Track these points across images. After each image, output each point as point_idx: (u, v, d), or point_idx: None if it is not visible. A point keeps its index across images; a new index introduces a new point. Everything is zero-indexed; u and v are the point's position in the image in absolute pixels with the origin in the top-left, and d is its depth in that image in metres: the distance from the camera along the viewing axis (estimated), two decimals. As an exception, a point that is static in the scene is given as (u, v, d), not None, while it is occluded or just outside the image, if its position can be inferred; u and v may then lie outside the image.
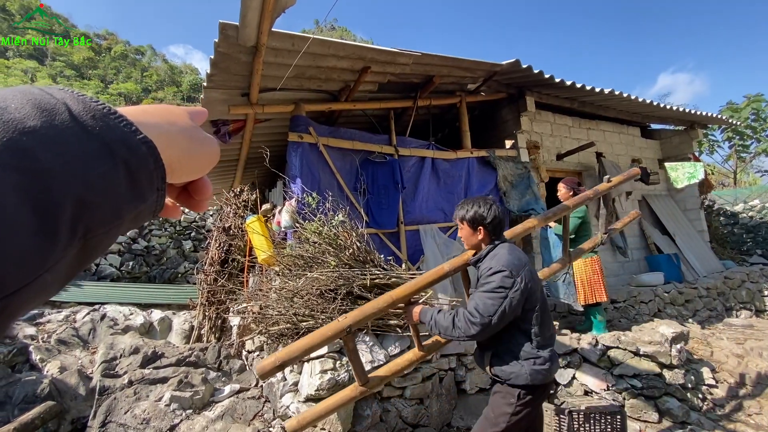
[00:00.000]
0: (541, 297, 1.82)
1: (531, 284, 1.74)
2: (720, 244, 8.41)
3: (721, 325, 5.32)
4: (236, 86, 3.52)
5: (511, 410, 1.80)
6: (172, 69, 47.45)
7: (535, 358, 1.74)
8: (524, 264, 1.78)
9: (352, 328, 1.88)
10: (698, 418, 3.16)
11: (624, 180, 3.00)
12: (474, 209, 1.88)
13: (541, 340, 1.78)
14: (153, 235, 8.66)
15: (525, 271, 1.74)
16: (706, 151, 12.53)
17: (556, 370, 1.81)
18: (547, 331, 1.81)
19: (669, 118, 6.87)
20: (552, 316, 1.88)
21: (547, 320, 1.82)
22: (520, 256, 1.82)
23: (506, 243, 1.89)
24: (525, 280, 1.72)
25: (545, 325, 1.80)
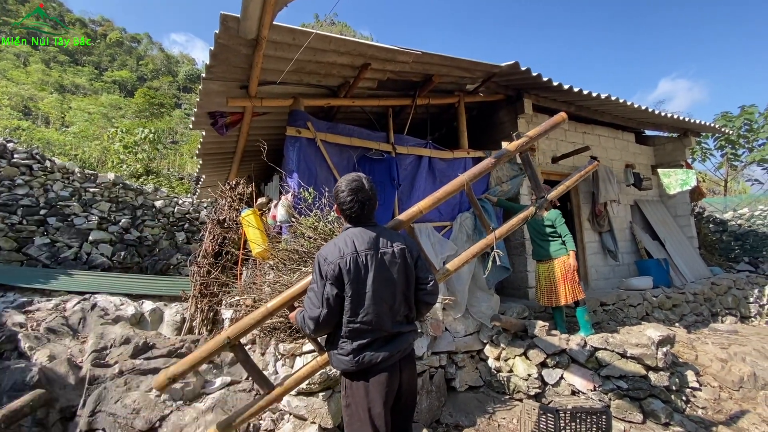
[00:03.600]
0: (370, 286, 1.69)
1: (346, 272, 1.66)
2: (708, 250, 8.56)
3: (706, 330, 5.43)
4: (235, 78, 3.50)
5: (344, 402, 1.78)
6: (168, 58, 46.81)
7: (340, 348, 1.72)
8: (350, 251, 1.69)
9: (232, 340, 1.97)
10: (681, 419, 3.23)
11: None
12: (336, 192, 1.85)
13: (349, 332, 1.69)
14: (146, 225, 8.59)
15: (345, 258, 1.67)
16: (698, 159, 12.70)
17: (368, 363, 1.69)
18: (361, 322, 1.68)
19: (663, 124, 6.95)
20: (392, 307, 1.74)
21: (364, 309, 1.68)
22: (353, 240, 1.73)
23: (357, 228, 1.81)
24: (339, 266, 1.66)
25: (360, 315, 1.68)
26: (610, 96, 5.16)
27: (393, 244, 1.80)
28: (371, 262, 1.71)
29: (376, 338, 1.71)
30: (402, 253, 1.80)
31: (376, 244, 1.76)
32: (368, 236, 1.76)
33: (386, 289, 1.73)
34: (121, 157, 12.93)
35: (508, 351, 3.79)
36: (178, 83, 39.60)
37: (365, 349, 1.69)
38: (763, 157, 11.46)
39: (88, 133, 16.49)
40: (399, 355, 1.77)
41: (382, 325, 1.71)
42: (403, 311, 1.80)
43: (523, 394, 3.58)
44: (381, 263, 1.73)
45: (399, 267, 1.77)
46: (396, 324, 1.77)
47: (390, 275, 1.74)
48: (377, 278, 1.71)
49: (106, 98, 26.95)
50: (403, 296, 1.79)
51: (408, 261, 1.82)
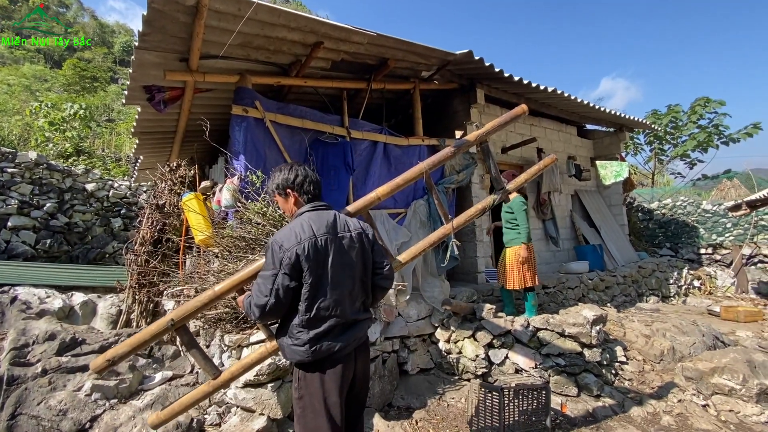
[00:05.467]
0: (329, 272, 1.63)
1: (305, 258, 1.58)
2: (637, 237, 9.38)
3: (633, 309, 5.97)
4: (173, 49, 3.21)
5: (296, 394, 1.69)
6: (102, 27, 42.41)
7: (295, 338, 1.63)
8: (308, 236, 1.61)
9: (176, 323, 1.91)
10: (610, 391, 3.53)
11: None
12: (278, 176, 1.80)
13: (307, 321, 1.61)
14: (75, 210, 7.81)
15: (303, 244, 1.58)
16: (630, 153, 13.81)
17: (325, 352, 1.62)
18: (320, 309, 1.61)
19: (602, 119, 7.43)
20: (351, 293, 1.70)
21: (324, 296, 1.62)
22: (310, 225, 1.65)
23: (313, 212, 1.73)
24: (297, 253, 1.57)
25: (319, 302, 1.61)
26: (557, 90, 5.39)
27: (351, 228, 1.75)
28: (330, 246, 1.64)
29: (334, 326, 1.64)
30: (360, 237, 1.76)
31: (335, 227, 1.70)
32: (326, 219, 1.69)
33: (346, 274, 1.68)
34: (47, 135, 11.60)
35: (458, 333, 3.91)
36: (114, 55, 36.10)
37: (322, 339, 1.62)
38: (685, 151, 12.70)
39: (6, 107, 14.60)
40: (355, 343, 1.73)
41: (341, 311, 1.65)
42: (360, 297, 1.76)
43: (471, 375, 3.73)
44: (340, 247, 1.67)
45: (357, 251, 1.73)
46: (354, 311, 1.72)
47: (349, 259, 1.69)
48: (336, 263, 1.65)
49: (28, 68, 23.95)
50: (361, 282, 1.75)
51: (365, 245, 1.78)
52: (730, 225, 9.14)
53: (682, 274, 7.93)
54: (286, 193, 1.79)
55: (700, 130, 12.38)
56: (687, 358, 3.95)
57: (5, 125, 12.39)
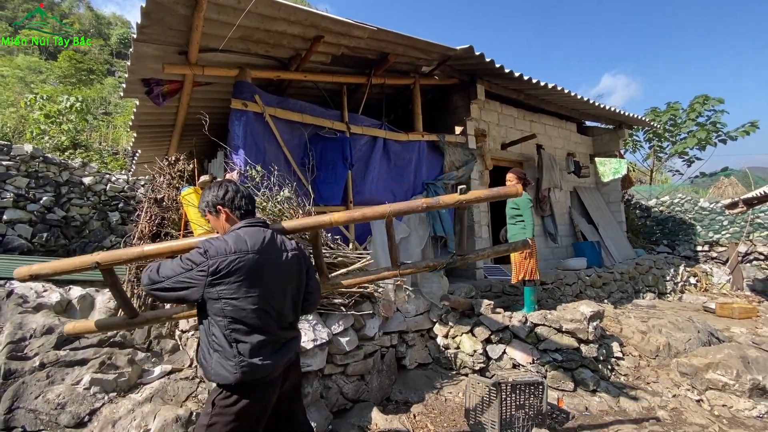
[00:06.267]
0: (261, 289, 1.55)
1: (227, 272, 1.50)
2: (634, 234, 9.42)
3: (630, 306, 6.01)
4: (172, 42, 3.18)
5: (206, 420, 1.54)
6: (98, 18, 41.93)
7: (222, 355, 1.51)
8: (242, 249, 1.54)
9: (101, 265, 1.94)
10: (606, 386, 3.57)
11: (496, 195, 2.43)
12: (208, 194, 1.73)
13: (235, 338, 1.52)
14: (73, 204, 7.76)
15: (229, 258, 1.51)
16: (629, 150, 13.83)
17: (254, 374, 1.51)
18: (250, 327, 1.53)
19: (602, 116, 7.43)
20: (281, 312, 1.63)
21: (254, 314, 1.54)
22: (245, 239, 1.57)
23: (251, 227, 1.65)
24: (218, 267, 1.49)
25: (249, 321, 1.53)
26: (557, 86, 5.39)
27: (288, 247, 1.70)
28: (265, 263, 1.58)
29: (263, 345, 1.54)
30: (296, 258, 1.72)
31: (272, 244, 1.64)
32: (262, 236, 1.63)
33: (278, 292, 1.61)
34: (43, 128, 11.50)
35: (456, 329, 3.93)
36: (111, 47, 35.74)
37: (252, 357, 1.51)
38: (684, 149, 12.73)
39: (1, 99, 14.47)
40: (285, 363, 1.65)
41: (272, 330, 1.58)
42: (291, 317, 1.70)
43: (469, 369, 3.76)
44: (276, 265, 1.62)
45: (292, 271, 1.69)
46: (285, 331, 1.66)
47: (283, 279, 1.64)
48: (269, 281, 1.59)
49: (22, 60, 23.70)
50: (292, 301, 1.70)
51: (301, 266, 1.75)
52: (726, 222, 9.20)
53: (678, 271, 7.98)
54: (216, 210, 1.71)
55: (699, 128, 12.40)
56: (682, 354, 3.98)
57: (0, 117, 12.28)
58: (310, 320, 2.97)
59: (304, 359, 2.83)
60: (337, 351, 3.11)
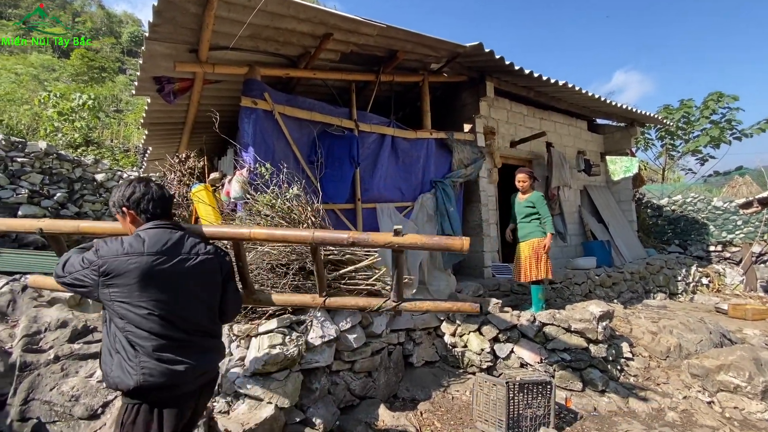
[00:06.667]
0: (155, 291, 1.46)
1: (115, 275, 1.44)
2: (645, 233, 9.30)
3: (640, 306, 5.94)
4: (183, 40, 3.21)
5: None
6: (109, 17, 42.42)
7: (124, 359, 1.43)
8: (136, 251, 1.46)
9: (44, 231, 2.08)
10: (615, 386, 3.53)
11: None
12: (116, 193, 1.64)
13: (132, 342, 1.44)
14: (85, 200, 7.89)
15: (120, 259, 1.44)
16: (641, 148, 13.64)
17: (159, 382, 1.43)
18: (148, 332, 1.45)
19: (613, 114, 7.33)
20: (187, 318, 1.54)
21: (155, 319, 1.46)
22: (143, 241, 1.50)
23: (157, 229, 1.56)
24: (106, 267, 1.43)
25: (146, 325, 1.45)
26: (567, 83, 5.32)
27: (200, 252, 1.61)
28: (162, 265, 1.48)
29: (163, 350, 1.45)
30: (210, 263, 1.63)
31: (177, 247, 1.54)
32: (166, 238, 1.54)
33: (178, 296, 1.52)
34: (56, 125, 11.71)
35: (463, 327, 3.93)
36: (122, 46, 36.15)
37: (152, 360, 1.43)
38: (697, 147, 12.51)
39: (15, 97, 14.73)
40: (200, 376, 1.56)
41: (170, 336, 1.48)
42: (203, 324, 1.61)
43: (476, 368, 3.75)
44: (179, 269, 1.53)
45: (202, 275, 1.60)
46: (192, 335, 1.55)
47: (186, 282, 1.54)
48: (167, 284, 1.49)
49: (36, 58, 24.08)
50: (205, 307, 1.62)
51: (216, 272, 1.67)
52: (740, 222, 9.02)
53: (690, 271, 7.86)
54: (122, 211, 1.61)
55: (713, 126, 12.17)
56: (693, 355, 3.93)
57: (14, 115, 12.51)
58: (318, 317, 2.99)
59: (312, 355, 2.86)
60: (345, 348, 3.12)
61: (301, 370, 2.79)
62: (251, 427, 2.36)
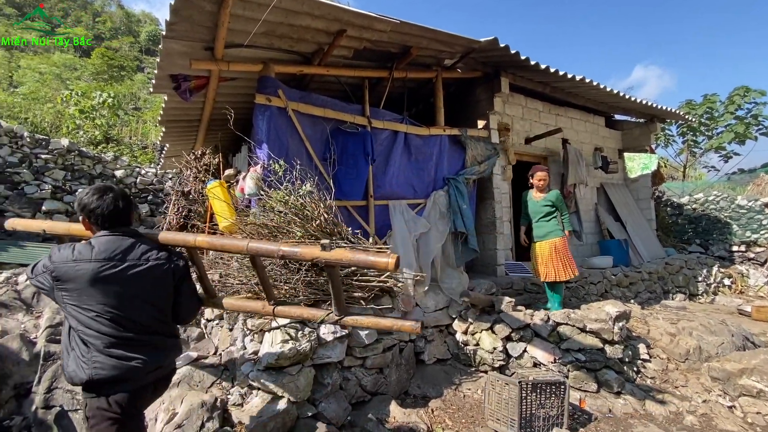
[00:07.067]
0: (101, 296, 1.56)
1: (65, 279, 1.54)
2: (665, 232, 9.06)
3: (658, 307, 5.80)
4: (199, 38, 3.25)
5: (86, 424, 1.58)
6: (128, 16, 43.31)
7: (78, 355, 1.55)
8: (84, 258, 1.55)
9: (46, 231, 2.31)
10: (632, 388, 3.47)
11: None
12: (78, 199, 1.71)
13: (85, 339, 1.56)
14: (105, 196, 8.12)
15: (68, 265, 1.54)
16: (661, 145, 13.26)
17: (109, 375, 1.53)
18: (96, 331, 1.55)
19: (632, 109, 7.14)
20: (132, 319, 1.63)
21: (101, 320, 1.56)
22: (92, 247, 1.59)
23: (109, 236, 1.65)
24: (54, 272, 1.54)
25: (93, 325, 1.55)
26: (585, 78, 5.21)
27: (150, 259, 1.68)
28: (109, 271, 1.57)
29: (113, 346, 1.56)
30: (159, 269, 1.70)
31: (125, 254, 1.62)
32: (117, 246, 1.62)
33: (125, 299, 1.60)
34: (77, 123, 12.04)
35: (476, 325, 3.90)
36: (140, 45, 36.88)
37: (102, 355, 1.54)
38: (720, 144, 12.10)
39: (39, 95, 15.19)
40: (153, 371, 1.66)
41: (119, 335, 1.58)
42: (154, 325, 1.70)
43: (488, 367, 3.73)
44: (126, 275, 1.60)
45: (147, 279, 1.67)
46: (141, 334, 1.65)
47: (132, 286, 1.62)
48: (111, 288, 1.57)
49: (59, 57, 24.75)
50: (155, 309, 1.70)
51: (167, 277, 1.73)
52: (766, 222, 8.71)
53: (711, 271, 7.64)
54: (81, 217, 1.70)
55: (738, 122, 11.75)
56: (714, 358, 3.82)
57: (38, 113, 12.90)
58: (330, 313, 3.00)
59: (324, 351, 2.88)
60: (357, 344, 3.14)
61: (313, 365, 2.82)
62: (264, 420, 2.40)
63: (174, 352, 1.83)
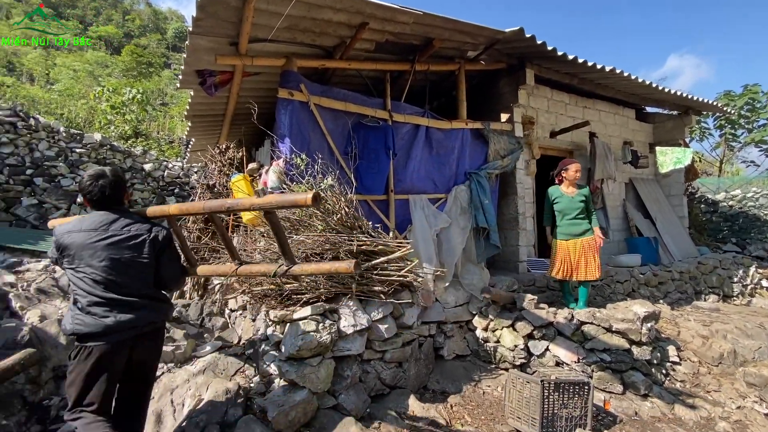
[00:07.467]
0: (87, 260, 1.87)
1: (64, 246, 1.90)
2: (698, 230, 8.67)
3: (689, 308, 5.56)
4: (225, 34, 3.30)
5: (69, 367, 1.87)
6: (156, 14, 44.50)
7: (71, 310, 1.89)
8: (76, 229, 1.91)
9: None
10: (660, 391, 3.35)
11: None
12: (79, 180, 2.08)
13: (75, 298, 1.89)
14: (135, 189, 8.43)
15: (63, 236, 1.91)
16: (696, 138, 12.63)
17: (88, 329, 1.83)
18: (83, 291, 1.87)
19: (666, 101, 6.82)
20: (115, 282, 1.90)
21: (83, 280, 1.87)
22: (82, 221, 1.95)
23: (97, 212, 1.98)
24: (56, 241, 1.92)
25: (79, 284, 1.88)
26: (615, 69, 5.00)
27: (131, 231, 1.97)
28: (94, 240, 1.89)
29: (93, 305, 1.85)
30: (138, 239, 1.97)
31: (108, 226, 1.93)
32: (105, 219, 1.95)
33: (108, 265, 1.88)
34: (109, 118, 12.50)
35: (497, 322, 3.85)
36: (167, 41, 37.87)
37: (85, 316, 1.84)
38: (762, 137, 11.41)
39: (73, 92, 15.85)
40: (128, 328, 1.89)
41: (100, 295, 1.86)
42: (133, 287, 1.94)
43: (509, 364, 3.67)
44: (107, 243, 1.90)
45: (129, 248, 1.94)
46: (121, 295, 1.89)
47: (115, 254, 1.90)
48: (97, 255, 1.88)
49: (91, 55, 25.73)
50: (136, 272, 1.95)
51: (145, 246, 1.98)
52: (810, 220, 8.20)
53: (748, 272, 7.25)
54: (81, 196, 2.06)
55: (783, 114, 11.03)
56: (750, 363, 3.65)
57: (72, 108, 13.47)
58: (350, 306, 3.03)
59: (344, 343, 2.91)
60: (376, 337, 3.15)
61: (333, 357, 2.85)
62: (285, 409, 2.44)
63: (154, 314, 2.03)
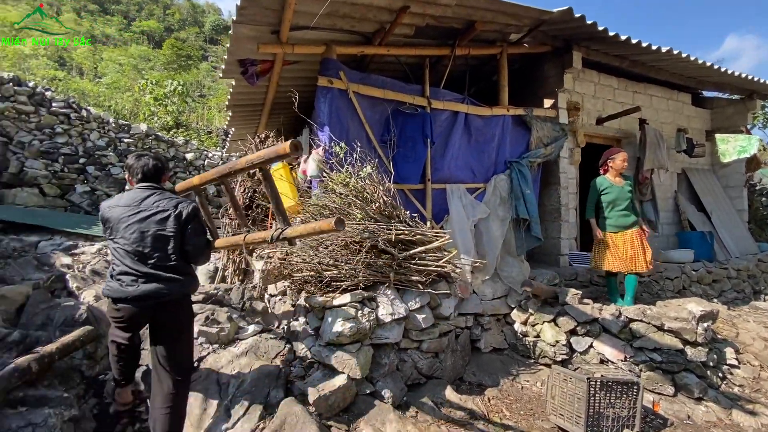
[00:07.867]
0: (122, 232, 2.11)
1: (106, 218, 2.16)
2: (759, 225, 8.01)
3: (747, 308, 5.17)
4: (267, 22, 3.31)
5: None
6: (194, 8, 45.83)
7: (107, 279, 2.17)
8: (116, 204, 2.17)
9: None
10: (715, 395, 3.14)
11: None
12: (126, 160, 2.38)
13: (111, 264, 2.18)
14: (178, 177, 8.80)
15: (106, 209, 2.17)
16: (759, 125, 11.60)
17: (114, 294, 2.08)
18: (115, 259, 2.14)
19: (727, 84, 6.26)
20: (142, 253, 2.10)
21: (117, 250, 2.12)
22: (121, 197, 2.22)
23: (135, 189, 2.24)
24: (101, 214, 2.19)
25: (114, 253, 2.14)
26: (672, 50, 4.64)
27: (160, 207, 2.15)
28: (128, 214, 2.13)
29: (120, 274, 2.10)
30: (164, 214, 2.14)
31: (140, 202, 2.16)
32: (139, 196, 2.18)
33: (136, 237, 2.09)
34: (152, 110, 13.08)
35: (537, 316, 3.73)
36: (205, 35, 38.97)
37: (114, 282, 2.10)
38: (837, 124, 10.31)
39: (119, 85, 16.69)
40: (151, 295, 2.07)
41: (129, 265, 2.08)
42: (158, 258, 2.11)
43: (549, 360, 3.56)
44: (138, 217, 2.12)
45: (155, 222, 2.12)
46: (146, 266, 2.09)
47: (142, 227, 2.11)
48: (129, 228, 2.11)
49: (135, 49, 26.95)
50: (161, 245, 2.12)
51: (170, 221, 2.14)
52: None
53: (815, 271, 6.64)
54: (126, 174, 2.36)
55: None
56: (821, 370, 3.35)
57: (119, 101, 14.19)
58: (388, 295, 3.02)
59: (382, 331, 2.91)
60: (413, 327, 3.14)
61: (371, 345, 2.87)
62: (326, 394, 2.48)
63: (177, 287, 2.18)
